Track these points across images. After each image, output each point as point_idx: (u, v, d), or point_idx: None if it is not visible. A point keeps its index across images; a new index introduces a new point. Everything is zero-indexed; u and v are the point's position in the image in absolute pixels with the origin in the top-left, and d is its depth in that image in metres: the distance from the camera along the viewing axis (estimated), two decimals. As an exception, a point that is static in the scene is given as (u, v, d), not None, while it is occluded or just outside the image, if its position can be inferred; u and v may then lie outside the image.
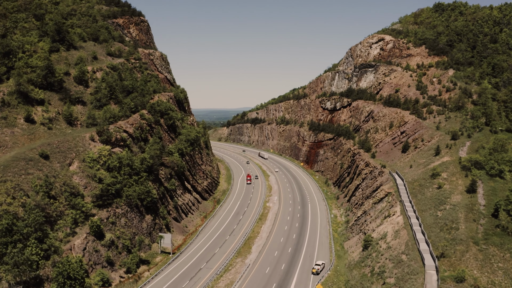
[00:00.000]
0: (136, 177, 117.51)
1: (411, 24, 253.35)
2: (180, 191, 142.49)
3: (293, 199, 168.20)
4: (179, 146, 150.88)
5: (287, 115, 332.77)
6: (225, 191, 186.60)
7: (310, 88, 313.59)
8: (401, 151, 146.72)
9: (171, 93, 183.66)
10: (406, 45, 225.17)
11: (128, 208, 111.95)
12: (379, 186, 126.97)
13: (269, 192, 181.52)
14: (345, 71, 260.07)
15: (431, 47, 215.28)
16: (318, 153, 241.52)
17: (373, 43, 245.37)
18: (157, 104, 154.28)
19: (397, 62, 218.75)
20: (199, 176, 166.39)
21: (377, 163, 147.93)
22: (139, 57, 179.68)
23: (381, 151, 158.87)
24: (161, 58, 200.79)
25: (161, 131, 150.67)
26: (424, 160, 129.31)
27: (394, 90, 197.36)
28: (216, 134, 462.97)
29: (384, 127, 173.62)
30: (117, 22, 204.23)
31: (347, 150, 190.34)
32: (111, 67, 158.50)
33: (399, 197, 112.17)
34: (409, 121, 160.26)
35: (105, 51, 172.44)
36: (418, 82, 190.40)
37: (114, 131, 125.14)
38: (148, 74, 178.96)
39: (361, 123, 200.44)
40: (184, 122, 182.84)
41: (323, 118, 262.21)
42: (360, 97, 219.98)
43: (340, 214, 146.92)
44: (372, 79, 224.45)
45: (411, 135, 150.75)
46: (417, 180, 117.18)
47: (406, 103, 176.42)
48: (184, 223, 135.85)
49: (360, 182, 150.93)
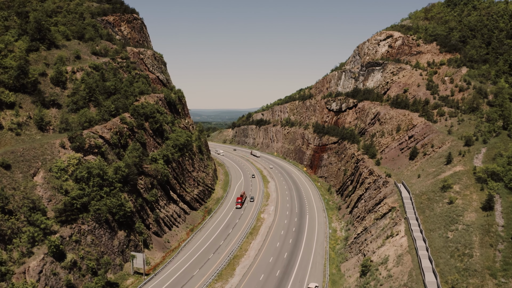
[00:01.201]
0: (107, 188, 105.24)
1: (422, 20, 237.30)
2: (163, 202, 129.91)
3: (291, 210, 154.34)
4: (164, 152, 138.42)
5: (292, 116, 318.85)
6: (219, 199, 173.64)
7: (316, 88, 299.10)
8: (409, 158, 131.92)
9: (161, 94, 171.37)
10: (416, 41, 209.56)
11: (96, 224, 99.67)
12: (383, 199, 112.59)
13: (266, 201, 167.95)
14: (352, 70, 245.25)
15: (443, 43, 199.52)
16: (322, 158, 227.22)
17: (381, 40, 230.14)
18: (141, 106, 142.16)
19: (406, 60, 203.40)
20: (188, 184, 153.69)
21: (381, 172, 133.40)
22: (126, 56, 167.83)
23: (387, 158, 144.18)
24: (152, 57, 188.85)
25: (145, 136, 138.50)
26: (433, 169, 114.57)
27: (402, 90, 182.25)
28: (221, 136, 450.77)
29: (390, 130, 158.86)
30: (106, 19, 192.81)
31: (350, 156, 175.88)
32: (94, 67, 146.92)
33: (404, 213, 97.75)
34: (418, 124, 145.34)
35: (90, 50, 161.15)
36: (429, 81, 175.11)
37: (88, 137, 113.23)
38: (137, 74, 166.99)
39: (367, 125, 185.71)
40: (175, 125, 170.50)
41: (328, 120, 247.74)
42: (366, 97, 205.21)
43: (341, 228, 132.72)
44: (379, 78, 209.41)
45: (420, 140, 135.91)
46: (426, 192, 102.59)
47: (415, 104, 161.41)
48: (167, 237, 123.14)
49: (363, 192, 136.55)
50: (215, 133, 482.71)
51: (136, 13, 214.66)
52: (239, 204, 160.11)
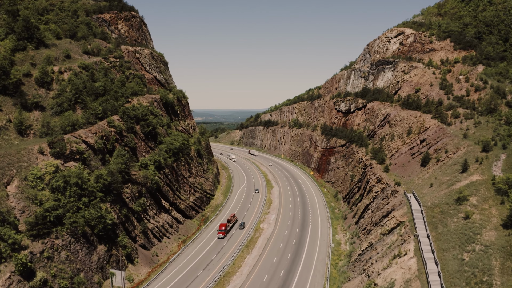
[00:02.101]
0: (86, 199, 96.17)
1: (435, 16, 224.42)
2: (152, 211, 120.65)
3: (293, 219, 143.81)
4: (156, 157, 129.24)
5: (300, 117, 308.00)
6: (219, 206, 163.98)
7: (325, 88, 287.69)
8: (420, 164, 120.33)
9: (157, 95, 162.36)
10: (429, 38, 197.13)
11: (72, 238, 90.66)
12: (390, 211, 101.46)
13: (268, 209, 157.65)
14: (361, 69, 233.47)
15: (457, 40, 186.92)
16: (329, 161, 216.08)
17: (392, 37, 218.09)
18: (132, 108, 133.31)
19: (418, 58, 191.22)
20: (183, 191, 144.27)
21: (390, 179, 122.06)
22: (120, 55, 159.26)
23: (397, 164, 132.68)
24: (150, 56, 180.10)
25: (136, 140, 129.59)
26: (448, 177, 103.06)
27: (414, 89, 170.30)
28: (229, 137, 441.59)
29: (401, 133, 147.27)
30: (102, 17, 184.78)
31: (358, 160, 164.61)
32: (83, 67, 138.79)
33: (414, 229, 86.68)
34: (431, 127, 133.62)
35: (81, 49, 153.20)
36: (442, 80, 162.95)
37: (69, 142, 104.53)
38: (131, 74, 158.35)
39: (376, 128, 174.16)
40: (172, 128, 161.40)
41: (337, 122, 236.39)
42: (376, 97, 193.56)
43: (345, 241, 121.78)
44: (389, 77, 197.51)
45: (432, 145, 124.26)
46: (439, 205, 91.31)
47: (427, 105, 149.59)
48: (155, 250, 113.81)
49: (370, 201, 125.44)
50: (223, 134, 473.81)
51: (134, 10, 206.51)
52: (222, 233, 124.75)
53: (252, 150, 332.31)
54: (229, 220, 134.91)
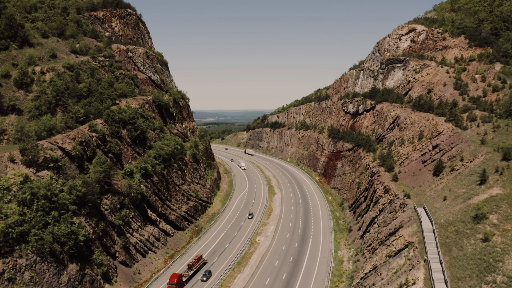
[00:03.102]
0: (56, 212, 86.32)
1: (448, 12, 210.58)
2: (136, 224, 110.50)
3: (293, 231, 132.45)
4: (142, 164, 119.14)
5: (308, 119, 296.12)
6: (215, 215, 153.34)
7: (333, 88, 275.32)
8: (433, 173, 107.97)
9: (149, 97, 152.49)
10: (442, 35, 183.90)
11: (38, 257, 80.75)
12: (398, 229, 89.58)
13: (267, 219, 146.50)
14: (371, 68, 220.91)
15: (472, 37, 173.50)
16: (336, 166, 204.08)
17: (403, 34, 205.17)
18: (118, 111, 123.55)
19: (431, 56, 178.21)
20: (175, 200, 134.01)
21: (399, 190, 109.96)
22: (111, 54, 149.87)
23: (406, 172, 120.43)
24: (144, 55, 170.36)
25: (121, 146, 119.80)
26: (463, 190, 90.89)
27: (426, 90, 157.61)
28: (236, 139, 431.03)
29: (411, 138, 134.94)
30: (95, 15, 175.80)
31: (365, 167, 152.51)
32: (68, 67, 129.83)
33: (424, 252, 74.87)
34: (444, 131, 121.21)
35: (69, 48, 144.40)
36: (457, 80, 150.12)
37: (43, 149, 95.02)
38: (121, 75, 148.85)
39: (385, 131, 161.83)
40: (165, 131, 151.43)
41: (345, 124, 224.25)
42: (385, 98, 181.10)
43: (348, 258, 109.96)
44: (400, 76, 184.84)
45: (446, 151, 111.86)
46: (453, 223, 79.36)
47: (440, 106, 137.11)
48: (138, 267, 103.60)
49: (376, 214, 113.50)
50: (230, 136, 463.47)
51: (131, 8, 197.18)
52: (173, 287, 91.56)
53: (247, 150, 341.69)
54: (191, 266, 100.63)
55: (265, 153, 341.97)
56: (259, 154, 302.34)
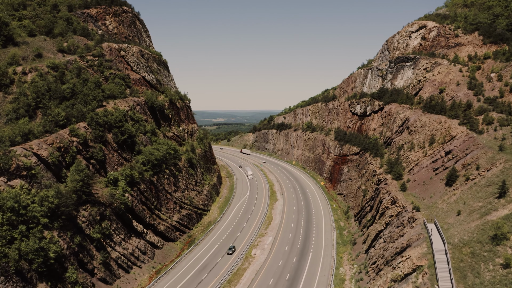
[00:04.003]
0: (23, 226, 77.68)
1: (460, 7, 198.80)
2: (119, 236, 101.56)
3: (292, 243, 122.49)
4: (128, 171, 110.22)
5: (314, 120, 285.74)
6: (211, 223, 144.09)
7: (341, 88, 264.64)
8: (445, 182, 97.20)
9: (141, 98, 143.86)
10: (454, 32, 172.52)
11: (2, 276, 72.26)
12: (405, 248, 79.18)
13: (265, 229, 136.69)
14: (379, 67, 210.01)
15: (487, 33, 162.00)
16: (342, 171, 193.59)
17: (413, 31, 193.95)
18: (103, 114, 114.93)
19: (443, 54, 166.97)
20: (165, 209, 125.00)
21: (407, 202, 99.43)
22: (101, 53, 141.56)
23: (416, 180, 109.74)
24: (139, 54, 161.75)
25: (105, 151, 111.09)
26: (480, 203, 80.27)
27: (437, 90, 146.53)
28: (242, 141, 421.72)
29: (422, 142, 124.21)
30: (88, 12, 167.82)
31: (371, 173, 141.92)
32: (52, 67, 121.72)
33: (435, 279, 64.51)
34: (458, 135, 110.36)
35: (56, 47, 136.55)
36: (471, 79, 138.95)
37: (16, 156, 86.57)
38: (111, 74, 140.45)
39: (393, 134, 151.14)
40: (158, 135, 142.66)
41: (352, 126, 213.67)
42: (394, 99, 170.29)
43: (351, 276, 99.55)
44: (410, 76, 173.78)
45: (460, 158, 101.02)
46: (468, 243, 68.95)
47: (453, 108, 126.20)
48: (119, 284, 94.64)
49: (382, 227, 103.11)
50: (236, 137, 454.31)
51: (127, 5, 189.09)
52: None
53: (244, 150, 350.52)
54: None
55: (271, 156, 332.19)
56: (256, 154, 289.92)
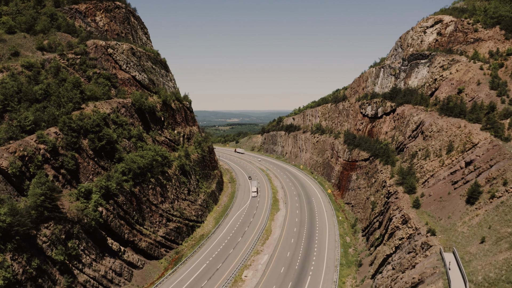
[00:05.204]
0: (-37, 253, 66.12)
1: (479, 0, 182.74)
2: (90, 256, 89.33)
3: (290, 264, 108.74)
4: (103, 182, 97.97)
5: (324, 122, 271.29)
6: (204, 236, 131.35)
7: (352, 88, 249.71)
8: (466, 199, 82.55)
9: (127, 99, 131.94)
10: (473, 26, 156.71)
11: None
12: (417, 285, 64.90)
13: (262, 245, 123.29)
14: (392, 65, 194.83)
15: (509, 27, 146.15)
16: (350, 178, 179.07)
17: (428, 27, 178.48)
18: (78, 117, 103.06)
19: (461, 50, 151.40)
20: (149, 223, 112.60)
21: (421, 222, 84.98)
22: (84, 50, 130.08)
23: (431, 195, 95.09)
24: (129, 52, 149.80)
25: (79, 159, 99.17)
26: (509, 229, 65.66)
27: (455, 89, 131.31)
28: (250, 143, 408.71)
29: (438, 150, 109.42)
30: (76, 8, 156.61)
31: (381, 183, 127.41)
32: (27, 66, 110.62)
33: (453, 332, 50.57)
34: (480, 142, 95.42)
35: (36, 45, 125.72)
36: (493, 78, 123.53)
37: (-35, 167, 75.04)
38: (95, 74, 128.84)
39: (406, 139, 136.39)
40: (147, 140, 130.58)
41: (362, 128, 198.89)
42: (407, 100, 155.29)
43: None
44: (425, 74, 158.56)
45: (483, 170, 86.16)
46: (496, 283, 54.67)
47: (474, 110, 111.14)
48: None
49: (391, 251, 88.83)
50: (244, 139, 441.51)
51: (120, 0, 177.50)
52: None
53: (238, 149, 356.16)
54: None
55: (279, 159, 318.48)
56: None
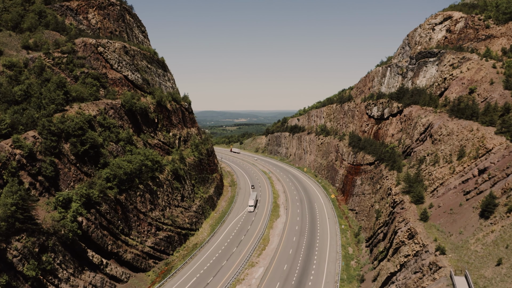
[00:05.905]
0: None
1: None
2: (67, 271, 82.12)
3: (286, 279, 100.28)
4: (84, 190, 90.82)
5: (329, 123, 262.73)
6: (197, 246, 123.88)
7: (358, 88, 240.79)
8: (479, 213, 73.99)
9: (117, 100, 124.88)
10: (484, 22, 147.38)
11: None
12: (423, 313, 56.92)
13: (258, 256, 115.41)
14: (399, 64, 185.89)
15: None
16: (355, 182, 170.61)
17: (437, 23, 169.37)
18: (59, 120, 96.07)
19: (472, 48, 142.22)
20: (136, 233, 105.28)
21: (429, 238, 76.56)
22: (72, 49, 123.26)
23: (441, 207, 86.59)
24: (121, 51, 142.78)
25: (60, 165, 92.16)
26: (532, 250, 57.29)
27: (467, 89, 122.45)
28: (254, 144, 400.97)
29: (448, 155, 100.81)
30: (68, 5, 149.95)
31: (386, 191, 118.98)
32: (9, 65, 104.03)
33: None
34: (495, 148, 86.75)
35: (21, 44, 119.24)
36: (507, 76, 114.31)
37: None
38: (82, 73, 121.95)
39: (414, 143, 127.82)
40: (136, 143, 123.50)
41: (368, 130, 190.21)
42: (415, 100, 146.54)
43: (354, 331, 77.72)
44: (433, 73, 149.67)
45: (499, 180, 77.50)
46: (518, 317, 46.37)
47: (488, 112, 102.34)
48: (59, 338, 75.31)
49: (396, 268, 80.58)
50: (249, 140, 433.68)
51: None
52: None
53: (234, 149, 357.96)
54: None
55: (283, 161, 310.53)
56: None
